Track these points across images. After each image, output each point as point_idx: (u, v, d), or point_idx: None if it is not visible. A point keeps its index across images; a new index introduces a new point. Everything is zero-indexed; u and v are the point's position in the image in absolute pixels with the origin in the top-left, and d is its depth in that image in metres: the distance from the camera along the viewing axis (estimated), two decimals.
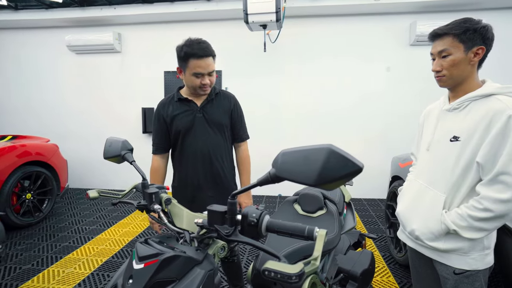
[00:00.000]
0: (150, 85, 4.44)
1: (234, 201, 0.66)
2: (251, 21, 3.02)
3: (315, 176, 0.54)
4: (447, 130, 1.11)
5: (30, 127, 4.65)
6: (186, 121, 1.51)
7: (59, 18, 4.22)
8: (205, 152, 1.52)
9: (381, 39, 4.01)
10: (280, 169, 0.58)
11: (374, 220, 3.53)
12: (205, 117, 1.52)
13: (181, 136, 1.53)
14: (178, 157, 1.58)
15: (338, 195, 1.51)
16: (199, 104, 1.53)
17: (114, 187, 4.68)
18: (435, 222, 1.09)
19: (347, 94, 4.14)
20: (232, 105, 1.61)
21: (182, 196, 1.59)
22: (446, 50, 1.07)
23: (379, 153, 4.12)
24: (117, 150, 0.99)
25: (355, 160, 0.53)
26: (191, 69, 1.41)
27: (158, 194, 0.87)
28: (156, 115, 1.57)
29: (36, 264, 2.60)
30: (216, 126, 1.55)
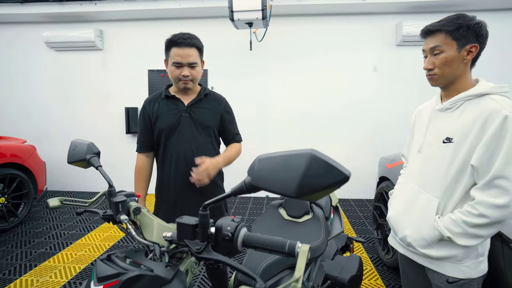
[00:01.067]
0: (134, 84, 4.30)
1: (206, 213, 0.59)
2: (237, 18, 2.94)
3: (295, 186, 0.47)
4: (439, 131, 1.06)
5: (4, 128, 4.42)
6: (171, 120, 1.43)
7: (36, 13, 4.02)
8: (189, 154, 1.43)
9: (368, 39, 4.00)
10: (256, 177, 0.51)
11: (362, 221, 3.51)
12: (191, 117, 1.44)
13: (164, 136, 1.44)
14: (161, 158, 1.49)
15: (325, 199, 1.46)
16: (186, 103, 1.45)
17: (97, 190, 4.51)
18: (428, 228, 1.04)
19: (334, 94, 4.12)
20: (223, 108, 1.53)
21: (164, 200, 1.50)
22: (438, 47, 1.02)
23: (367, 154, 4.12)
24: (81, 153, 0.90)
25: (340, 167, 0.47)
26: (171, 59, 1.37)
27: (125, 203, 0.79)
28: (141, 112, 1.50)
29: (8, 273, 2.45)
30: (202, 128, 1.46)
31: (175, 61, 1.36)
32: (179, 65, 1.36)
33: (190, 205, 1.46)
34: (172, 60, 1.36)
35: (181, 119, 1.44)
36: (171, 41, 1.36)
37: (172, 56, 1.36)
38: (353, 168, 3.75)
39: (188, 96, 1.48)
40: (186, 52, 1.35)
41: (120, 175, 4.36)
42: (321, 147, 4.20)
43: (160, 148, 1.48)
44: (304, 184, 0.46)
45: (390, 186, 2.50)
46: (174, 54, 1.35)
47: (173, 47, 1.36)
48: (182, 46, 1.35)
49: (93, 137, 4.42)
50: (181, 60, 1.35)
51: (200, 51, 1.42)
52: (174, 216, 1.45)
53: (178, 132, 1.44)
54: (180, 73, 1.37)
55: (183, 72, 1.37)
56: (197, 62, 1.39)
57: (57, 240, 3.03)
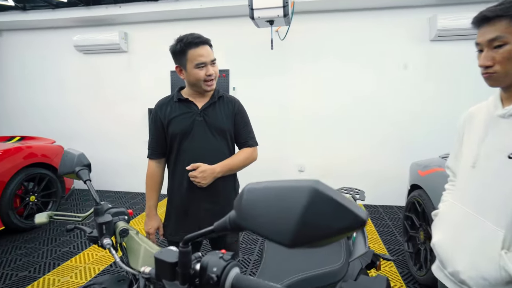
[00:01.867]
0: (156, 85, 4.33)
1: (187, 250, 0.48)
2: (257, 16, 2.83)
3: (290, 231, 0.35)
4: (502, 143, 0.85)
5: (37, 128, 4.64)
6: (185, 124, 1.36)
7: (66, 18, 4.17)
8: (203, 159, 1.35)
9: (398, 35, 3.72)
10: (242, 213, 0.40)
11: (391, 230, 3.27)
12: (205, 121, 1.37)
13: (177, 140, 1.37)
14: (173, 163, 1.42)
15: None
16: (200, 107, 1.38)
17: (119, 189, 4.60)
18: (489, 265, 0.83)
19: (360, 94, 3.89)
20: (236, 109, 1.45)
21: (175, 208, 1.43)
22: (500, 38, 0.81)
23: (395, 158, 3.85)
24: (71, 165, 0.83)
25: (354, 207, 0.34)
26: (192, 61, 1.29)
27: (111, 224, 0.71)
28: (153, 116, 1.43)
29: (33, 271, 2.52)
30: (217, 131, 1.39)
31: (199, 62, 1.29)
32: (203, 65, 1.30)
33: (203, 214, 1.38)
34: (194, 62, 1.29)
35: (195, 123, 1.36)
36: (187, 44, 1.29)
37: (192, 59, 1.29)
38: (380, 172, 3.51)
39: (201, 99, 1.40)
40: (206, 50, 1.31)
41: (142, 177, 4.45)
42: (346, 150, 3.99)
43: (173, 154, 1.40)
44: (303, 230, 0.34)
45: (423, 196, 2.28)
46: (196, 55, 1.28)
47: (191, 49, 1.29)
48: (200, 45, 1.29)
49: (116, 138, 4.53)
50: (205, 59, 1.29)
51: (212, 47, 1.36)
52: (186, 226, 1.38)
53: (192, 136, 1.36)
54: (205, 73, 1.30)
55: (208, 72, 1.31)
56: (216, 58, 1.35)
57: (80, 239, 3.09)
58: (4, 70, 4.83)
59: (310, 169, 4.13)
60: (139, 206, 4.02)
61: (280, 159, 4.14)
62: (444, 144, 3.63)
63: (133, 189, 4.55)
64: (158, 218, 1.44)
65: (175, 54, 1.34)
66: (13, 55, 4.76)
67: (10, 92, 4.84)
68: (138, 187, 4.50)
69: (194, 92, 1.40)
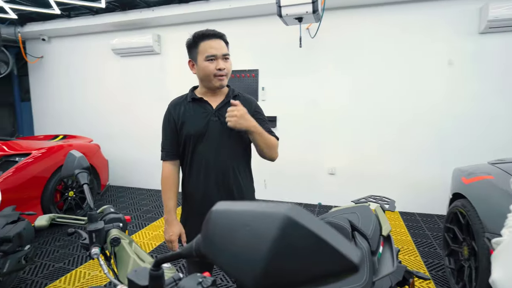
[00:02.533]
0: (188, 86, 4.38)
1: (158, 274, 0.42)
2: (285, 14, 2.73)
3: (256, 270, 0.27)
4: None
5: (79, 128, 4.95)
6: (199, 124, 1.30)
7: (105, 23, 4.39)
8: (219, 162, 1.30)
9: (441, 28, 3.41)
10: (207, 239, 0.32)
11: (430, 241, 2.99)
12: (221, 121, 1.30)
13: (192, 142, 1.31)
14: (187, 167, 1.36)
15: (373, 226, 1.17)
16: (215, 106, 1.32)
17: (153, 187, 4.74)
18: None
19: (398, 94, 3.62)
20: (253, 110, 1.37)
21: (190, 214, 1.38)
22: None
23: (434, 162, 3.54)
24: (71, 168, 0.81)
25: (341, 246, 0.25)
26: (203, 53, 1.25)
27: (101, 231, 0.67)
28: (166, 116, 1.39)
29: (68, 263, 2.66)
30: (233, 132, 1.31)
31: (209, 54, 1.23)
32: (214, 57, 1.24)
33: None
34: (204, 54, 1.24)
35: (210, 123, 1.30)
36: (199, 36, 1.25)
37: (203, 51, 1.25)
38: (418, 177, 3.24)
39: (216, 98, 1.34)
40: (219, 43, 1.26)
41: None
42: (380, 153, 3.74)
43: (187, 156, 1.35)
44: (272, 271, 0.26)
45: (467, 206, 2.03)
46: (207, 47, 1.24)
47: (202, 41, 1.25)
48: (213, 37, 1.25)
49: (149, 138, 4.67)
50: (215, 52, 1.24)
51: (227, 44, 1.30)
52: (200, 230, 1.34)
53: (207, 138, 1.30)
54: (215, 67, 1.24)
55: (218, 65, 1.24)
56: (229, 54, 1.28)
57: None
58: (51, 75, 5.22)
59: (341, 172, 3.94)
60: None
61: (309, 161, 4.00)
62: (491, 149, 3.28)
63: None
64: (179, 224, 1.36)
65: (189, 48, 1.31)
66: (59, 60, 5.13)
67: (57, 94, 5.22)
68: None
69: (207, 90, 1.34)
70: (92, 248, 0.66)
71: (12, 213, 2.29)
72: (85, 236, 0.72)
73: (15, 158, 3.13)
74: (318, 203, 4.09)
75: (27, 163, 3.09)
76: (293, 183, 4.09)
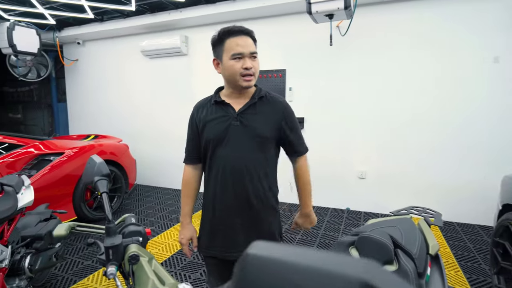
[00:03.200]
0: (213, 87, 4.37)
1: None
2: (315, 10, 2.61)
3: None
4: None
5: (111, 127, 5.10)
6: (218, 129, 1.22)
7: (135, 26, 4.49)
8: (239, 169, 1.21)
9: (486, 22, 3.12)
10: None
11: (472, 255, 2.73)
12: (243, 126, 1.21)
13: (211, 147, 1.24)
14: (207, 171, 1.30)
15: (418, 243, 1.03)
16: (238, 109, 1.22)
17: (178, 187, 4.75)
18: None
19: (437, 94, 3.36)
20: (281, 113, 1.26)
21: (208, 219, 1.31)
22: None
23: (479, 166, 3.25)
24: (91, 175, 0.76)
25: None
26: (229, 51, 1.16)
27: (119, 248, 0.61)
28: (190, 118, 1.34)
29: (96, 261, 2.71)
30: (256, 138, 1.22)
31: (235, 52, 1.15)
32: (240, 56, 1.15)
33: (238, 229, 1.24)
34: (230, 52, 1.15)
35: (230, 128, 1.21)
36: (225, 32, 1.17)
37: (228, 48, 1.16)
38: (458, 184, 2.97)
39: (240, 101, 1.25)
40: (246, 40, 1.16)
41: None
42: (415, 158, 3.50)
43: (206, 162, 1.29)
44: None
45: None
46: (233, 45, 1.15)
47: (228, 38, 1.16)
48: (239, 34, 1.16)
49: (174, 139, 4.72)
50: (242, 49, 1.14)
51: (255, 42, 1.21)
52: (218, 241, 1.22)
53: (226, 143, 1.21)
54: (241, 66, 1.15)
55: (245, 64, 1.15)
56: (257, 52, 1.19)
57: None
58: (85, 77, 5.44)
59: (372, 176, 3.73)
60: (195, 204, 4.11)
61: (338, 164, 3.83)
62: None
63: None
64: (191, 228, 1.34)
65: (214, 45, 1.23)
66: (92, 63, 5.34)
67: (90, 95, 5.44)
68: None
69: (232, 92, 1.26)
70: (108, 266, 0.60)
71: (45, 211, 2.36)
72: (102, 251, 0.66)
73: (50, 157, 3.26)
74: (347, 208, 3.90)
75: (61, 162, 3.20)
76: (320, 187, 3.91)
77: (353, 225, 3.40)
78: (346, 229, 3.28)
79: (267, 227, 1.27)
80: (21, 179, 1.99)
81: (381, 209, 3.73)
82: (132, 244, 0.64)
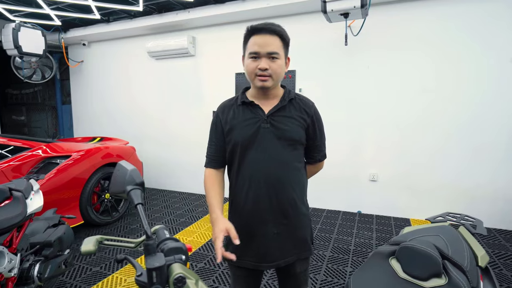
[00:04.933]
0: (221, 88, 4.33)
1: None
2: (330, 9, 2.55)
3: None
4: None
5: (116, 129, 5.04)
6: (248, 131, 1.15)
7: (142, 26, 4.43)
8: (272, 174, 1.14)
9: (504, 20, 3.04)
10: None
11: (491, 260, 2.64)
12: (273, 128, 1.15)
13: (240, 151, 1.17)
14: (235, 176, 1.21)
15: (467, 254, 0.95)
16: (267, 111, 1.16)
17: (190, 191, 4.68)
18: None
19: (453, 95, 3.28)
20: (311, 116, 1.21)
21: (237, 228, 1.18)
22: None
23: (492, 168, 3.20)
24: (121, 183, 0.69)
25: None
26: (248, 49, 1.12)
27: (162, 270, 0.53)
28: (214, 120, 1.25)
29: (105, 267, 2.63)
30: (287, 141, 1.16)
31: (252, 51, 1.09)
32: (256, 55, 1.09)
33: (271, 237, 1.16)
34: (248, 50, 1.11)
35: (260, 130, 1.14)
36: (252, 29, 1.11)
37: (249, 46, 1.11)
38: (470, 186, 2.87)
39: (269, 102, 1.18)
40: (266, 39, 1.09)
41: None
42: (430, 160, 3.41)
43: (234, 165, 1.20)
44: None
45: None
46: (252, 43, 1.10)
47: (252, 35, 1.11)
48: (262, 32, 1.09)
49: (183, 140, 4.65)
50: (258, 49, 1.08)
51: (285, 42, 1.13)
52: (251, 250, 1.11)
53: (257, 147, 1.14)
54: (256, 66, 1.09)
55: (260, 65, 1.09)
56: (278, 52, 1.10)
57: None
58: (90, 78, 5.39)
59: (383, 179, 3.65)
60: (202, 208, 4.03)
61: (350, 167, 3.75)
62: None
63: (196, 191, 4.62)
64: (224, 219, 1.11)
65: (243, 41, 1.17)
66: (97, 64, 5.28)
67: (95, 97, 5.38)
68: (202, 189, 4.56)
69: (257, 92, 1.18)
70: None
71: (53, 216, 2.29)
72: (140, 271, 0.58)
73: (57, 160, 3.19)
74: (358, 211, 3.82)
75: (68, 165, 3.13)
76: (331, 189, 3.86)
77: (365, 228, 3.31)
78: (359, 233, 3.20)
79: (300, 234, 1.21)
80: (29, 183, 1.92)
81: (393, 213, 3.64)
82: (175, 264, 0.56)
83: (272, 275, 2.42)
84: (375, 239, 3.06)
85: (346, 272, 2.46)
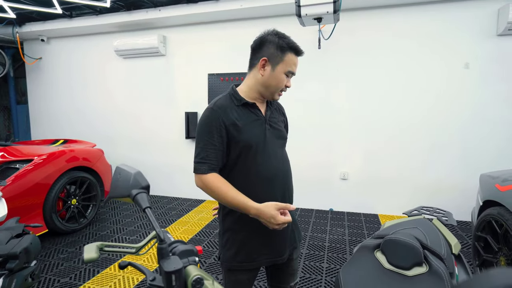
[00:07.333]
0: (194, 89, 4.27)
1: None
2: (304, 14, 2.63)
3: None
4: None
5: (80, 131, 4.76)
6: (258, 132, 1.17)
7: (108, 23, 4.24)
8: (281, 175, 1.22)
9: (458, 29, 3.36)
10: None
11: None
12: (272, 129, 1.23)
13: (251, 153, 1.14)
14: (244, 178, 1.15)
15: (443, 243, 1.05)
16: (264, 113, 1.23)
17: (169, 194, 4.54)
18: None
19: (415, 97, 3.54)
20: (284, 115, 1.40)
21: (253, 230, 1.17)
22: None
23: (450, 163, 3.49)
24: (125, 187, 0.67)
25: None
26: (286, 66, 1.17)
27: (180, 272, 0.53)
28: (213, 121, 1.12)
29: (74, 277, 2.48)
30: (283, 140, 1.30)
31: (291, 70, 1.19)
32: (292, 75, 1.21)
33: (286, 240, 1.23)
34: (287, 67, 1.17)
35: (266, 131, 1.19)
36: (292, 46, 1.16)
37: (287, 63, 1.17)
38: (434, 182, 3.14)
39: (262, 105, 1.24)
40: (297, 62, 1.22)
41: (178, 181, 4.38)
42: (395, 158, 3.64)
43: (242, 168, 1.15)
44: None
45: (505, 215, 1.94)
46: (291, 62, 1.18)
47: (291, 52, 1.16)
48: (299, 55, 1.20)
49: (154, 141, 4.52)
50: (295, 70, 1.20)
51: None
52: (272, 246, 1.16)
53: (267, 147, 1.17)
54: (285, 83, 1.20)
55: (288, 83, 1.21)
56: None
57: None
58: (50, 76, 5.03)
59: (354, 177, 3.83)
60: (175, 211, 3.94)
61: (321, 166, 3.89)
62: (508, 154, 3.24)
63: (169, 194, 4.50)
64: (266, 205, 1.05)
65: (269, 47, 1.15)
66: (58, 62, 4.95)
67: (55, 96, 5.03)
68: (174, 192, 4.44)
69: (257, 95, 1.21)
70: None
71: (16, 225, 2.11)
72: (151, 275, 0.57)
73: (16, 164, 2.95)
74: (330, 209, 3.97)
75: (29, 170, 2.91)
76: (304, 188, 3.96)
77: (338, 225, 3.46)
78: (332, 230, 3.33)
79: (296, 222, 1.33)
80: None
81: (362, 209, 3.84)
82: (190, 266, 0.56)
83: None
84: (348, 235, 3.20)
85: (323, 268, 2.55)
